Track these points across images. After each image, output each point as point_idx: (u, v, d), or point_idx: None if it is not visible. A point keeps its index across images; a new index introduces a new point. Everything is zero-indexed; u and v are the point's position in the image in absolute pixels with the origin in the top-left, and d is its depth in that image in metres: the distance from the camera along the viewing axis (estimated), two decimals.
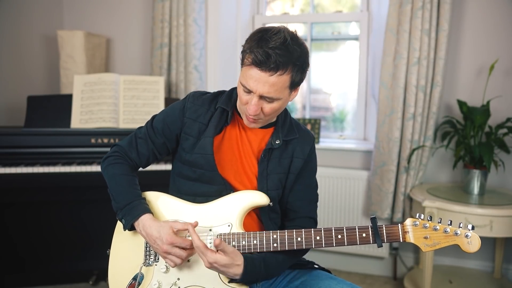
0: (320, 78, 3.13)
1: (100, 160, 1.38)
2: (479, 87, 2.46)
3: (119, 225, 1.29)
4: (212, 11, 2.86)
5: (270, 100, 1.17)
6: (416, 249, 2.67)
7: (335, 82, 3.13)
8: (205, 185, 1.27)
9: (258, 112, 1.19)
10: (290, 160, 1.32)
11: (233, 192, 1.26)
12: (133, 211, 1.20)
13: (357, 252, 2.71)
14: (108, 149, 2.33)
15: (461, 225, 1.11)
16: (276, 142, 1.29)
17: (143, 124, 1.39)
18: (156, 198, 1.29)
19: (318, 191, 1.44)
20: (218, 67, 2.93)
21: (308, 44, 2.97)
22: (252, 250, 1.17)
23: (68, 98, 2.40)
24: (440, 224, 1.11)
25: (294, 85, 1.19)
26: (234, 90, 1.35)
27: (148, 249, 1.23)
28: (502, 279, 2.43)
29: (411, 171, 2.47)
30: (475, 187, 2.28)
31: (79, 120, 2.35)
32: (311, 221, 1.37)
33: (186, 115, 1.30)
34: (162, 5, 2.76)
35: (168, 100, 2.52)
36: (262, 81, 1.13)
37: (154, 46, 2.82)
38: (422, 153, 2.47)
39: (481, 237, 1.14)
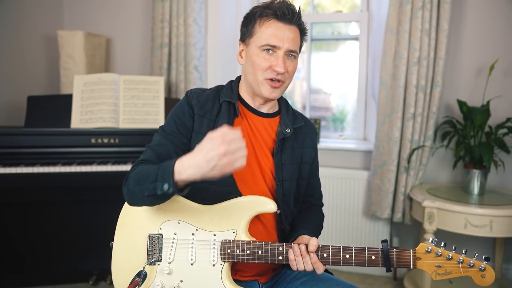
0: (320, 78, 3.13)
1: (100, 160, 1.36)
2: (479, 87, 2.46)
3: (121, 218, 1.25)
4: (212, 11, 2.86)
5: (294, 55, 1.24)
6: None
7: (335, 82, 3.14)
8: (211, 186, 1.22)
9: (286, 69, 1.21)
10: (301, 150, 1.34)
11: (239, 193, 1.23)
12: (165, 171, 1.03)
13: None
14: (108, 149, 2.38)
15: (476, 256, 1.07)
16: (287, 131, 1.29)
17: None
18: None
19: None
20: (218, 67, 2.93)
21: (308, 44, 2.97)
22: (256, 261, 1.16)
23: (68, 98, 2.40)
24: (453, 252, 1.07)
25: (300, 49, 1.28)
26: (232, 82, 1.35)
27: (150, 247, 1.21)
28: (502, 279, 2.43)
29: (411, 171, 2.47)
30: (475, 187, 2.28)
31: (79, 120, 2.36)
32: (320, 209, 1.46)
33: (195, 112, 1.26)
34: (162, 5, 2.76)
35: (168, 100, 2.52)
36: (286, 34, 1.20)
37: (154, 46, 2.82)
38: (422, 153, 2.47)
39: (481, 237, 1.14)
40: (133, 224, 1.24)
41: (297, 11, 1.23)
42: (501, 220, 2.03)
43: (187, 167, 1.00)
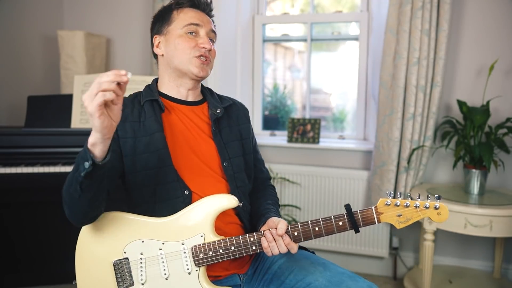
0: (320, 78, 3.14)
1: None
2: (479, 87, 2.46)
3: (78, 255, 1.21)
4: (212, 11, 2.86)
5: (213, 37, 1.34)
6: (416, 249, 2.67)
7: (335, 82, 3.14)
8: (157, 186, 1.21)
9: (211, 46, 1.29)
10: (238, 127, 1.38)
11: (186, 186, 1.22)
12: (82, 153, 1.02)
13: (357, 252, 2.71)
14: None
15: (428, 197, 1.14)
16: (218, 111, 1.33)
17: None
18: (117, 219, 1.18)
19: (318, 191, 1.47)
20: (218, 67, 2.92)
21: (308, 44, 2.97)
22: (231, 257, 1.16)
23: (68, 98, 2.40)
24: (410, 200, 1.14)
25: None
26: (150, 85, 1.37)
27: (118, 274, 1.16)
28: (502, 279, 2.43)
29: (411, 171, 2.47)
30: (475, 187, 2.28)
31: (79, 120, 2.36)
32: (270, 182, 1.51)
33: None
34: (162, 5, 2.76)
35: None
36: (205, 18, 1.32)
37: None
38: (422, 153, 2.47)
39: (481, 237, 1.15)
40: (93, 257, 1.18)
41: (209, 1, 1.37)
42: (501, 220, 2.03)
43: (91, 135, 0.98)
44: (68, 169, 2.19)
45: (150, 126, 1.24)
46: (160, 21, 1.34)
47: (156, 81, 1.38)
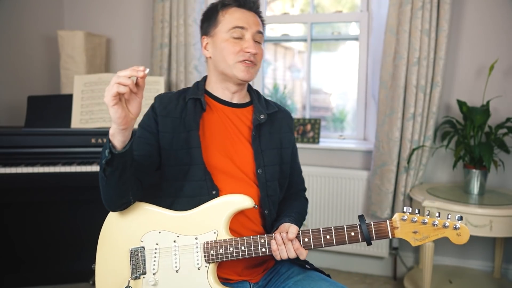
0: (320, 78, 3.14)
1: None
2: (479, 87, 2.46)
3: (101, 238, 1.26)
4: None
5: (260, 38, 1.29)
6: (416, 249, 2.67)
7: (335, 82, 3.14)
8: (187, 183, 1.24)
9: (256, 50, 1.26)
10: (279, 135, 1.36)
11: (214, 185, 1.24)
12: (104, 144, 1.10)
13: (357, 252, 2.71)
14: None
15: (449, 217, 1.10)
16: (261, 117, 1.31)
17: None
18: (139, 209, 1.24)
19: (318, 191, 1.47)
20: None
21: (308, 44, 2.97)
22: (240, 257, 1.16)
23: (68, 98, 2.40)
24: (428, 217, 1.10)
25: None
26: (199, 82, 1.37)
27: (133, 261, 1.20)
28: (502, 279, 2.43)
29: (411, 171, 2.47)
30: (475, 187, 2.28)
31: (79, 120, 2.36)
32: (303, 193, 1.50)
33: (158, 113, 1.28)
34: (162, 5, 2.76)
35: None
36: (251, 18, 1.28)
37: (154, 46, 2.83)
38: (422, 153, 2.47)
39: (480, 237, 1.14)
40: (114, 243, 1.23)
41: (255, 1, 1.32)
42: (501, 220, 2.03)
43: (111, 126, 1.06)
44: (68, 169, 2.19)
45: (189, 123, 1.27)
46: (207, 22, 1.32)
47: (205, 79, 1.39)
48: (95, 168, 2.20)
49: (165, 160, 1.26)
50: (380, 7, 2.63)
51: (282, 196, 1.40)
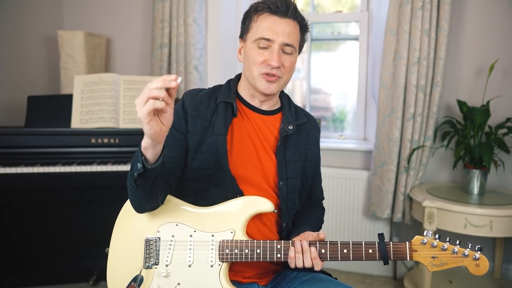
0: (320, 78, 3.14)
1: (100, 160, 1.36)
2: (479, 87, 2.46)
3: (118, 224, 1.26)
4: (212, 11, 2.86)
5: (289, 50, 1.21)
6: None
7: (335, 82, 3.14)
8: (212, 187, 1.23)
9: (281, 63, 1.19)
10: (305, 147, 1.34)
11: (241, 192, 1.23)
12: (136, 155, 1.05)
13: None
14: (108, 149, 2.37)
15: (469, 246, 1.09)
16: (290, 128, 1.28)
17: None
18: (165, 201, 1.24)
19: None
20: (218, 67, 2.93)
21: (308, 44, 2.97)
22: (254, 260, 1.15)
23: (68, 98, 2.40)
24: (448, 243, 1.09)
25: (300, 46, 1.26)
26: (230, 82, 1.34)
27: (147, 251, 1.21)
28: (502, 279, 2.43)
29: (411, 171, 2.47)
30: (475, 187, 2.28)
31: (79, 120, 2.36)
32: (321, 203, 1.48)
33: (188, 113, 1.25)
34: (162, 5, 2.76)
35: None
36: (281, 28, 1.19)
37: (154, 46, 2.83)
38: (422, 153, 2.47)
39: (481, 237, 1.14)
40: (130, 230, 1.23)
41: (293, 4, 1.21)
42: (501, 220, 2.03)
43: (144, 139, 1.00)
44: (68, 169, 2.19)
45: (218, 127, 1.24)
46: (243, 24, 1.28)
47: (238, 77, 1.35)
48: (95, 168, 2.20)
49: (189, 161, 1.24)
50: (380, 7, 2.63)
51: (300, 206, 1.38)
